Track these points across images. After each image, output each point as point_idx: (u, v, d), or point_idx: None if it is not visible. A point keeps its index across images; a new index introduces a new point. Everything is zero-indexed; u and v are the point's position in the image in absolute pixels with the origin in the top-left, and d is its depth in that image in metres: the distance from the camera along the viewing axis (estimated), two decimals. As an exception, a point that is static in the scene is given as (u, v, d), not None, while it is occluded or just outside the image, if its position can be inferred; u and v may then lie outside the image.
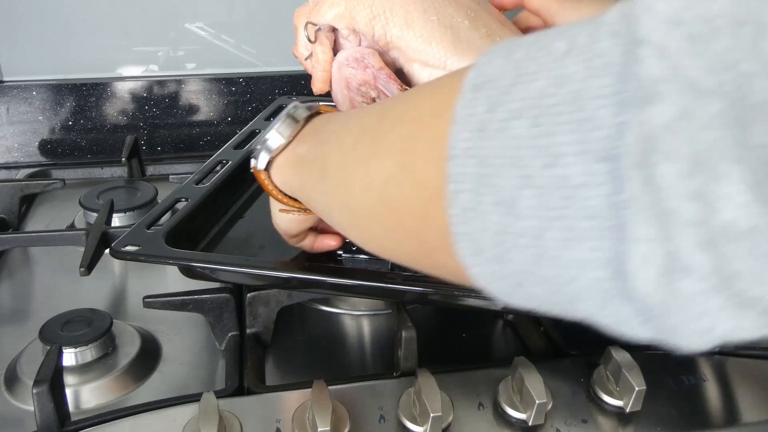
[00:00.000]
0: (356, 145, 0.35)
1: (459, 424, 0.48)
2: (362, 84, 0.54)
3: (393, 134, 0.31)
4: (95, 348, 0.55)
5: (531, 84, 0.23)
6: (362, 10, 0.54)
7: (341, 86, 0.56)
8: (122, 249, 0.53)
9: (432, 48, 0.54)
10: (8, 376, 0.54)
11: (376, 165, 0.32)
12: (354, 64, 0.54)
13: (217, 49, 0.92)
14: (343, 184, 0.36)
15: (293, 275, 0.52)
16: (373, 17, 0.54)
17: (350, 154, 0.35)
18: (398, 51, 0.55)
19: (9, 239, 0.69)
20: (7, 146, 0.90)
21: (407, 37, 0.54)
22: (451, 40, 0.54)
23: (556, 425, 0.48)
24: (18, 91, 0.88)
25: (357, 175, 0.34)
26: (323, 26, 0.55)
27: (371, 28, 0.54)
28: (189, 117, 0.94)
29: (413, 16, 0.54)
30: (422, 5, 0.54)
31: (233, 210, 0.66)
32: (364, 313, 0.62)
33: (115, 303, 0.65)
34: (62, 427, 0.46)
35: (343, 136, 0.38)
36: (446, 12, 0.55)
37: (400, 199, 0.30)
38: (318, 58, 0.56)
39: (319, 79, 0.56)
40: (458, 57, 0.54)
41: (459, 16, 0.55)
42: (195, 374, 0.56)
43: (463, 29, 0.55)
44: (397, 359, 0.52)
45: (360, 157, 0.34)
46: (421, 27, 0.54)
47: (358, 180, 0.34)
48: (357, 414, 0.48)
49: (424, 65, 0.55)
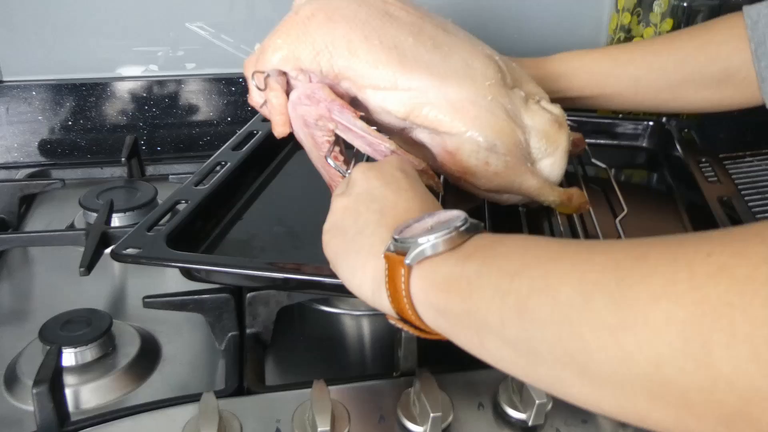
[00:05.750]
0: (585, 301, 0.30)
1: (459, 424, 0.48)
2: (318, 118, 0.55)
3: (656, 311, 0.27)
4: (95, 348, 0.55)
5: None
6: (305, 49, 0.54)
7: (300, 124, 0.56)
8: (123, 252, 0.53)
9: (380, 71, 0.54)
10: (8, 376, 0.54)
11: (633, 341, 0.27)
12: (306, 101, 0.55)
13: (217, 49, 0.92)
14: (569, 339, 0.30)
15: (300, 277, 0.53)
16: (317, 53, 0.54)
17: (572, 310, 0.30)
18: (348, 81, 0.55)
19: (9, 239, 0.69)
20: (7, 146, 0.90)
21: (354, 66, 0.54)
22: (397, 59, 0.54)
23: (556, 425, 0.48)
24: (18, 91, 0.88)
25: (595, 339, 0.29)
26: (271, 72, 0.55)
27: (317, 65, 0.54)
28: (189, 117, 0.94)
29: (355, 44, 0.54)
30: (363, 32, 0.54)
31: (233, 211, 0.66)
32: (364, 313, 0.62)
33: (115, 303, 0.65)
34: (62, 427, 0.46)
35: (548, 278, 0.32)
36: (388, 33, 0.55)
37: (684, 384, 0.26)
38: (272, 104, 0.56)
39: (278, 123, 0.57)
40: (407, 75, 0.55)
41: (402, 34, 0.55)
42: (195, 374, 0.56)
43: (408, 47, 0.55)
44: (397, 359, 0.52)
45: (597, 320, 0.29)
46: (365, 53, 0.54)
47: (597, 345, 0.29)
48: (357, 414, 0.48)
49: (376, 89, 0.55)
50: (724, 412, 0.25)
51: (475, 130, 0.56)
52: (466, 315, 0.36)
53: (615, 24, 0.98)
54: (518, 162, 0.58)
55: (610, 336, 0.28)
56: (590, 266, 0.31)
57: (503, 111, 0.57)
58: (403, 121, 0.57)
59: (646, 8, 0.95)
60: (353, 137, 0.56)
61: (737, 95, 0.68)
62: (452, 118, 0.55)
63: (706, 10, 0.90)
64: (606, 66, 0.71)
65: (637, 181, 0.85)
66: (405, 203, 0.45)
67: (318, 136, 0.56)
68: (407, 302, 0.38)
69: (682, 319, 0.26)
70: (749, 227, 0.27)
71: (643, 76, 0.70)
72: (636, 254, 0.29)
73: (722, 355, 0.25)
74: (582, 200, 0.63)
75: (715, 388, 0.25)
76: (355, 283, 0.43)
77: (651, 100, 0.72)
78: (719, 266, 0.26)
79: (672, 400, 0.27)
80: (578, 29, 1.01)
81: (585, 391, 0.31)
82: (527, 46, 0.63)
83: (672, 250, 0.28)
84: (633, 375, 0.28)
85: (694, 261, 0.27)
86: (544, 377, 0.33)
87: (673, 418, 0.28)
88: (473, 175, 0.58)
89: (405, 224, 0.40)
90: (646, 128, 0.86)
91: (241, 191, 0.69)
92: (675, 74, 0.69)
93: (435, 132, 0.57)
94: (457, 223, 0.38)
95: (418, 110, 0.55)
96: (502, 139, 0.57)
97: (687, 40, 0.69)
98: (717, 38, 0.68)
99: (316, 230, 0.49)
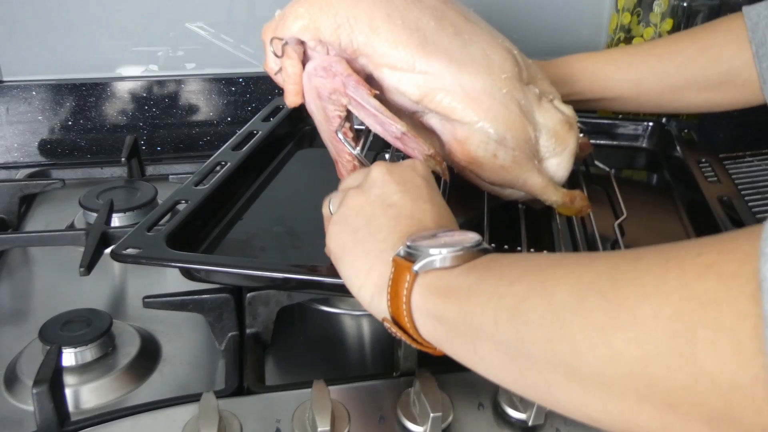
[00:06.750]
0: (579, 301, 0.30)
1: (459, 424, 0.48)
2: (332, 92, 0.54)
3: (646, 308, 0.27)
4: (95, 348, 0.55)
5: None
6: (326, 21, 0.53)
7: (313, 96, 0.56)
8: (123, 252, 0.53)
9: (399, 51, 0.54)
10: (8, 376, 0.54)
11: (621, 338, 0.28)
12: (322, 74, 0.54)
13: (217, 49, 0.92)
14: (560, 339, 0.31)
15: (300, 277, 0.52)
16: (338, 26, 0.53)
17: (565, 310, 0.30)
18: (366, 57, 0.55)
19: (9, 239, 0.69)
20: (7, 146, 0.90)
21: (373, 43, 0.54)
22: (417, 42, 0.54)
23: (556, 425, 0.48)
24: (18, 91, 0.88)
25: (585, 338, 0.29)
26: (290, 40, 0.55)
27: (337, 38, 0.54)
28: (189, 117, 0.94)
29: (377, 21, 0.53)
30: (386, 10, 0.54)
31: (233, 211, 0.66)
32: (364, 313, 0.62)
33: (115, 303, 0.65)
34: (62, 427, 0.46)
35: (546, 281, 0.32)
36: (411, 14, 0.55)
37: (669, 383, 0.26)
38: (287, 72, 0.56)
39: (291, 92, 0.56)
40: (426, 59, 0.54)
41: (425, 17, 0.55)
42: (195, 374, 0.56)
43: (429, 30, 0.55)
44: (397, 359, 0.52)
45: (588, 319, 0.29)
46: (387, 32, 0.54)
47: (586, 345, 0.29)
48: (357, 414, 0.48)
49: (393, 69, 0.55)
50: (708, 411, 0.26)
51: (487, 122, 0.56)
52: (461, 319, 0.36)
53: (615, 24, 0.98)
54: (526, 158, 0.58)
55: (599, 335, 0.29)
56: (588, 269, 0.31)
57: (517, 105, 0.57)
58: (416, 105, 0.56)
59: (646, 8, 0.95)
60: (365, 115, 0.55)
61: (739, 96, 0.68)
62: (465, 106, 0.55)
63: (706, 10, 0.90)
64: (608, 69, 0.71)
65: (637, 181, 0.85)
66: (421, 214, 0.44)
67: (330, 110, 0.55)
68: (406, 308, 0.38)
69: (670, 315, 0.26)
70: (740, 230, 0.27)
71: (645, 79, 0.70)
72: (632, 257, 0.30)
73: (706, 351, 0.25)
74: (584, 203, 0.63)
75: (698, 385, 0.25)
76: (356, 284, 0.43)
77: (653, 102, 0.72)
78: (708, 264, 0.26)
79: (658, 401, 0.27)
80: (578, 29, 1.01)
81: (573, 396, 0.31)
82: (527, 46, 0.63)
83: (666, 252, 0.29)
84: (620, 375, 0.28)
85: (685, 260, 0.27)
86: (533, 383, 0.33)
87: (659, 422, 0.28)
88: (480, 166, 0.58)
89: (419, 236, 0.41)
90: (646, 129, 0.86)
91: (241, 191, 0.69)
92: (677, 77, 0.69)
93: (446, 119, 0.57)
94: (470, 245, 0.39)
95: (432, 95, 0.55)
96: (512, 133, 0.56)
97: (688, 43, 0.69)
98: (718, 41, 0.68)
99: (316, 230, 0.50)
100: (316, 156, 0.78)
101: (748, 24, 0.65)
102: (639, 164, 0.86)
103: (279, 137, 0.79)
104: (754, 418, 0.24)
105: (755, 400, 0.24)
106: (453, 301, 0.37)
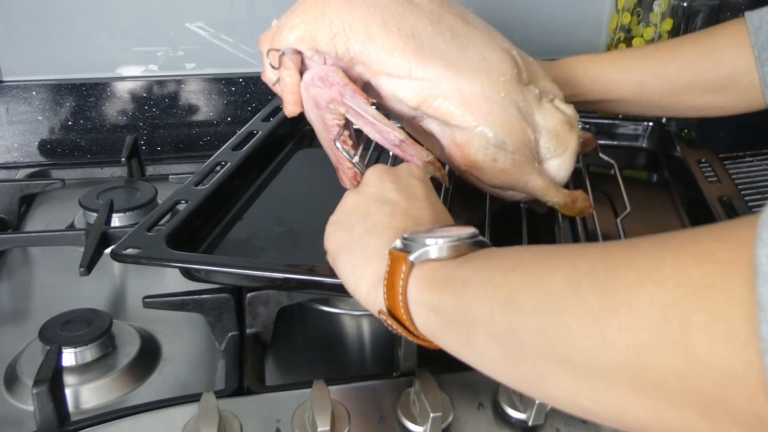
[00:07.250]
0: (574, 289, 0.30)
1: (459, 424, 0.48)
2: (330, 101, 0.55)
3: (640, 295, 0.27)
4: (95, 348, 0.55)
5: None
6: (322, 30, 0.53)
7: (311, 106, 0.56)
8: (123, 252, 0.53)
9: (395, 59, 0.54)
10: (8, 376, 0.54)
11: (615, 326, 0.28)
12: (319, 83, 0.54)
13: (217, 49, 0.92)
14: (553, 328, 0.31)
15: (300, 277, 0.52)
16: (334, 35, 0.53)
17: (560, 299, 0.31)
18: (363, 66, 0.55)
19: (9, 239, 0.69)
20: (7, 146, 0.90)
21: (370, 51, 0.54)
22: (414, 48, 0.54)
23: (556, 425, 0.48)
24: (18, 91, 0.88)
25: (579, 327, 0.29)
26: (286, 50, 0.55)
27: (333, 47, 0.54)
28: (189, 117, 0.94)
29: (373, 29, 0.53)
30: (381, 17, 0.54)
31: (233, 211, 0.66)
32: (364, 313, 0.62)
33: (115, 303, 0.65)
34: (62, 427, 0.46)
35: (542, 272, 0.33)
36: (407, 21, 0.55)
37: (662, 370, 0.26)
38: (285, 82, 0.56)
39: (289, 102, 0.57)
40: (423, 65, 0.54)
41: (421, 23, 0.55)
42: (195, 374, 0.56)
43: (425, 36, 0.55)
44: (397, 359, 0.52)
45: (582, 307, 0.29)
46: (383, 39, 0.54)
47: (580, 333, 0.29)
48: (357, 414, 0.48)
49: (390, 76, 0.55)
50: (700, 399, 0.26)
51: (486, 126, 0.56)
52: (457, 310, 0.36)
53: (615, 24, 0.98)
54: (526, 161, 0.58)
55: (593, 323, 0.29)
56: (583, 258, 0.31)
57: (516, 109, 0.57)
58: (415, 111, 0.56)
59: (646, 8, 0.95)
60: (363, 123, 0.55)
61: (741, 100, 0.68)
62: (464, 111, 0.55)
63: (706, 10, 0.90)
64: (610, 72, 0.71)
65: (638, 181, 0.85)
66: (416, 211, 0.45)
67: (328, 119, 0.56)
68: (402, 299, 0.39)
69: (664, 301, 0.26)
70: (737, 219, 0.27)
71: (647, 82, 0.70)
72: (627, 246, 0.30)
73: (699, 337, 0.25)
74: (585, 204, 0.63)
75: (691, 372, 0.25)
76: (352, 280, 0.43)
77: (655, 105, 0.72)
78: (704, 251, 0.26)
79: (650, 389, 0.27)
80: (578, 29, 1.01)
81: (565, 386, 0.31)
82: (527, 46, 0.63)
83: (661, 240, 0.29)
84: (613, 363, 0.28)
85: (681, 248, 0.27)
86: (526, 373, 0.33)
87: (651, 411, 0.28)
88: (480, 170, 0.58)
89: (414, 230, 0.41)
90: (646, 129, 0.86)
91: (241, 191, 0.69)
92: (679, 80, 0.69)
93: (445, 124, 0.57)
94: (466, 236, 0.39)
95: (430, 101, 0.55)
96: (512, 137, 0.56)
97: (690, 47, 0.69)
98: (720, 44, 0.68)
99: (316, 230, 0.49)
100: (316, 156, 0.78)
101: (750, 28, 0.65)
102: (639, 164, 0.86)
103: (279, 137, 0.79)
104: (746, 404, 0.24)
105: (748, 386, 0.24)
106: (448, 292, 0.37)
